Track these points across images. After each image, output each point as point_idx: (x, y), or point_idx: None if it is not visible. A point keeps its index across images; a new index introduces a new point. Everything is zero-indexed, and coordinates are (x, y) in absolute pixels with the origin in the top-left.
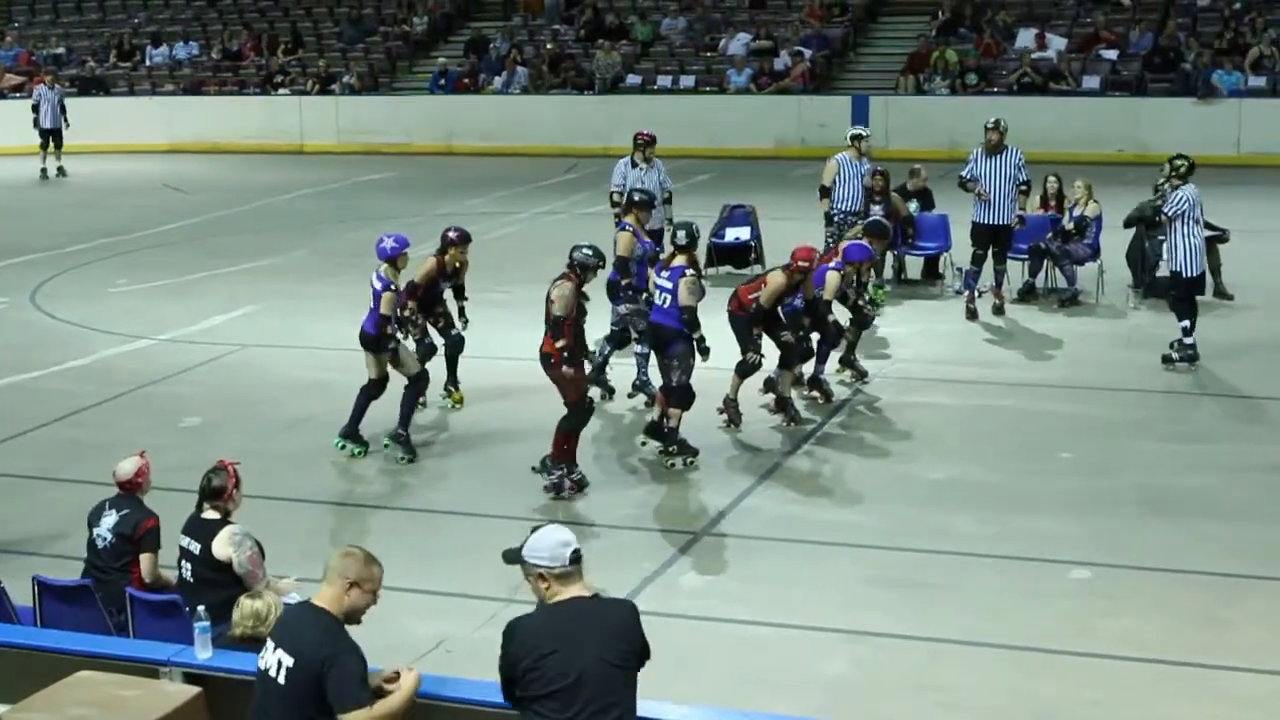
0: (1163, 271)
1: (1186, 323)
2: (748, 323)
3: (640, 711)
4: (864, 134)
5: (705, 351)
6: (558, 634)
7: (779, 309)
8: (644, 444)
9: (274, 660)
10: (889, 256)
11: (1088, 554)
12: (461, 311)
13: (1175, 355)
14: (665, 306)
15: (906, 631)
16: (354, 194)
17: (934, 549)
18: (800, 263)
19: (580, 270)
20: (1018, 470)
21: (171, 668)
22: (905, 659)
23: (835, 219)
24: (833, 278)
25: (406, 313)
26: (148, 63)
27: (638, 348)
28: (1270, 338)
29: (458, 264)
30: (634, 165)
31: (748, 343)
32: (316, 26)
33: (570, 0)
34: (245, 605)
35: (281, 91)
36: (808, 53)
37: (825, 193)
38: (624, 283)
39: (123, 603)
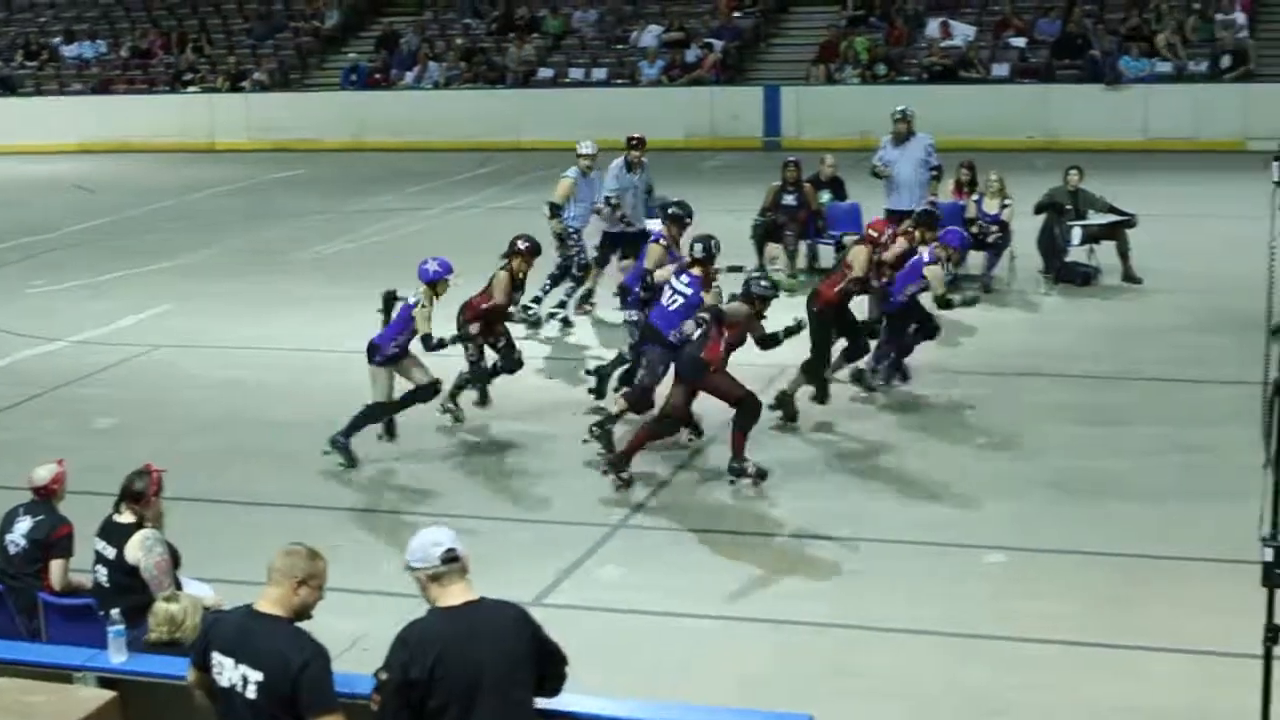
0: (1072, 257)
1: None
2: (829, 326)
3: (560, 705)
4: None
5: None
6: (447, 639)
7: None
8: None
9: (238, 677)
10: (802, 246)
11: (1004, 538)
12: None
13: None
14: (670, 309)
15: (827, 619)
16: (265, 191)
17: (852, 536)
18: (870, 232)
19: (760, 302)
20: (935, 455)
21: (85, 673)
22: (826, 647)
23: None
24: (934, 272)
25: (472, 329)
26: (58, 61)
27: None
28: (1180, 321)
29: (521, 275)
30: (629, 169)
31: (825, 347)
32: (226, 23)
33: None
34: (160, 610)
35: (191, 89)
36: (719, 44)
37: None
38: (639, 290)
39: (34, 608)
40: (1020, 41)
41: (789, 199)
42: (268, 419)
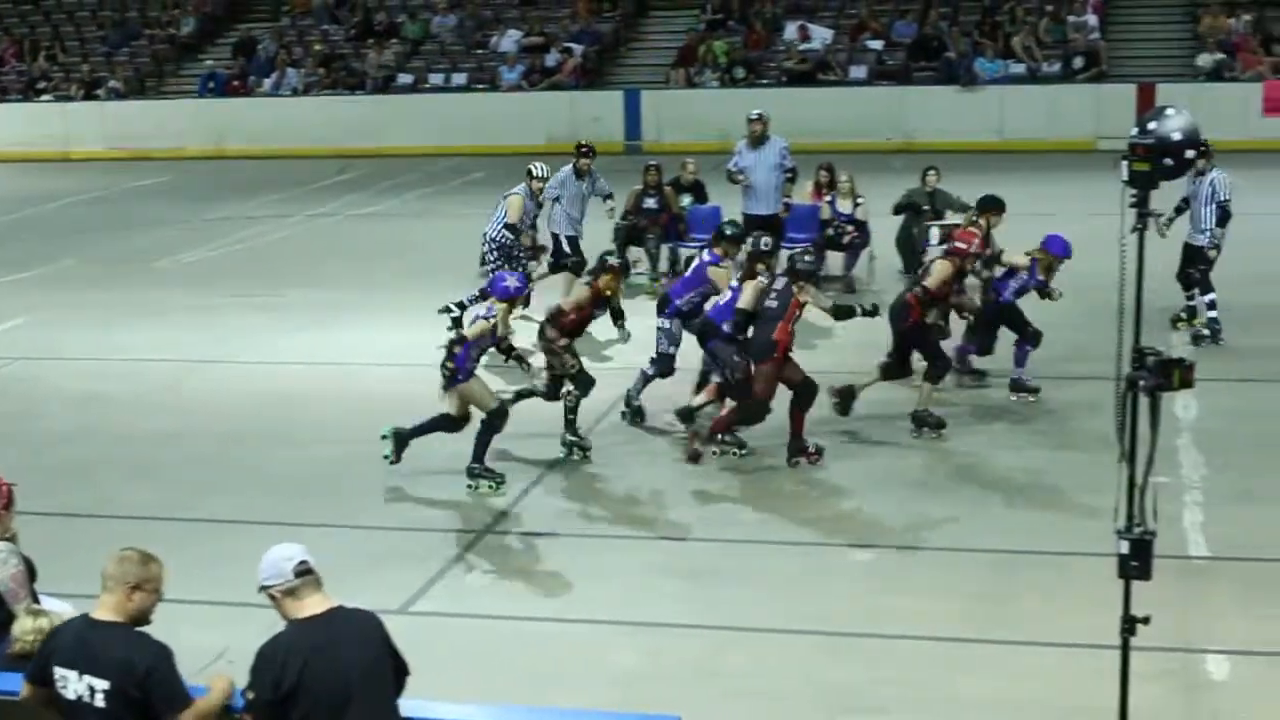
0: (930, 257)
1: (1213, 296)
2: (924, 331)
3: (428, 712)
4: None
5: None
6: (312, 649)
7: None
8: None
9: (84, 688)
10: (663, 249)
11: (868, 536)
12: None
13: (1206, 331)
14: (722, 303)
15: (694, 620)
16: (123, 201)
17: (718, 538)
18: (959, 244)
19: (806, 277)
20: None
21: None
22: (694, 647)
23: None
24: (1014, 259)
25: (560, 345)
26: None
27: (649, 368)
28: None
29: (609, 291)
30: (578, 176)
31: (935, 351)
32: (79, 30)
33: None
34: (27, 621)
35: (45, 98)
36: (578, 48)
37: None
38: (679, 304)
39: None
40: (877, 44)
41: (650, 202)
42: (131, 431)
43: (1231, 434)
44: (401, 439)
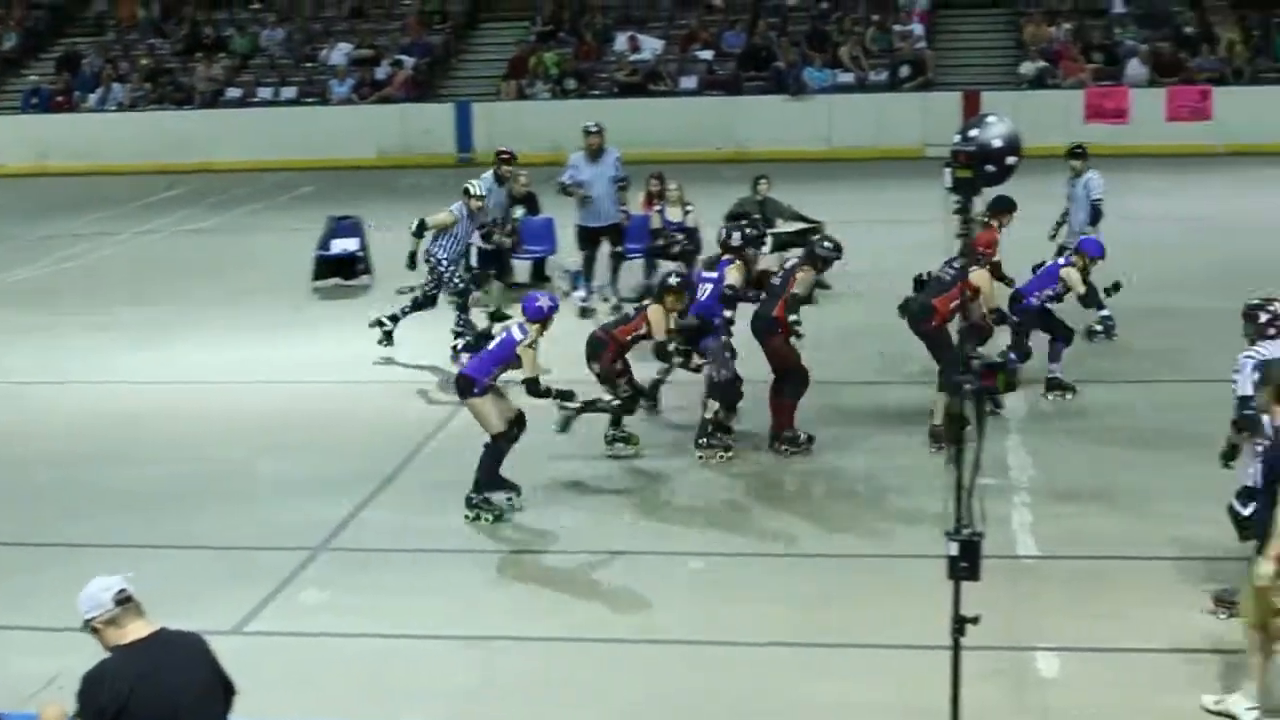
0: (761, 265)
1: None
2: (949, 339)
3: None
4: None
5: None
6: (139, 675)
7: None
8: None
9: None
10: None
11: (701, 544)
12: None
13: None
14: (704, 299)
15: (531, 633)
16: None
17: (553, 549)
18: (987, 249)
19: (821, 264)
20: (638, 463)
21: None
22: (531, 660)
23: None
24: (1072, 274)
25: (616, 372)
26: None
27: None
28: (869, 322)
29: (674, 310)
30: (500, 183)
31: (952, 360)
32: None
33: (166, 13)
34: None
35: None
36: (409, 61)
37: None
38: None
39: None
40: (707, 54)
41: None
42: None
43: (1060, 434)
44: (483, 491)
